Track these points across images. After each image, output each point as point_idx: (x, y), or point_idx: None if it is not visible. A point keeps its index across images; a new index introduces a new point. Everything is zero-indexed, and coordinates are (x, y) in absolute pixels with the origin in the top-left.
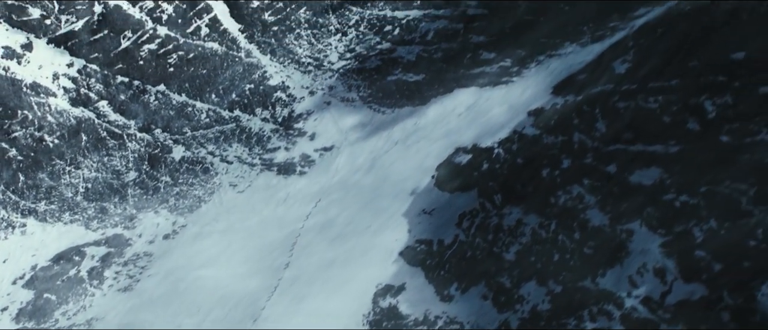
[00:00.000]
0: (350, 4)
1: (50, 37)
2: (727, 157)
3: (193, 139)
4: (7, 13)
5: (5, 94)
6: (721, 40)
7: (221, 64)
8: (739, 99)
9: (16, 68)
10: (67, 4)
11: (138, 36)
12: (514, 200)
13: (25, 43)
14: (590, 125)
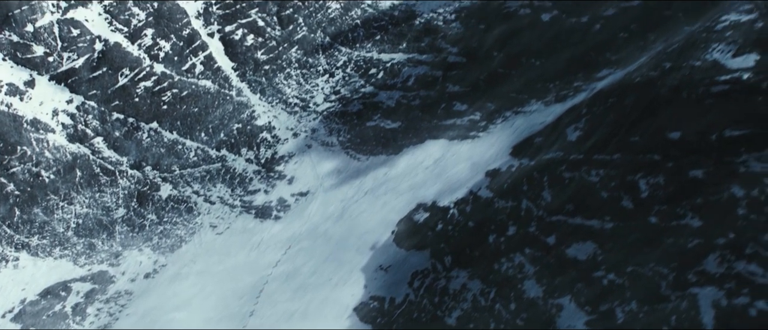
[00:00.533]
0: (340, 45)
1: (52, 73)
2: (654, 238)
3: (180, 177)
4: (12, 51)
5: (6, 130)
6: (662, 117)
7: (213, 102)
8: (669, 180)
9: (18, 105)
10: (69, 41)
11: (135, 73)
12: (462, 263)
13: (28, 79)
14: (538, 193)
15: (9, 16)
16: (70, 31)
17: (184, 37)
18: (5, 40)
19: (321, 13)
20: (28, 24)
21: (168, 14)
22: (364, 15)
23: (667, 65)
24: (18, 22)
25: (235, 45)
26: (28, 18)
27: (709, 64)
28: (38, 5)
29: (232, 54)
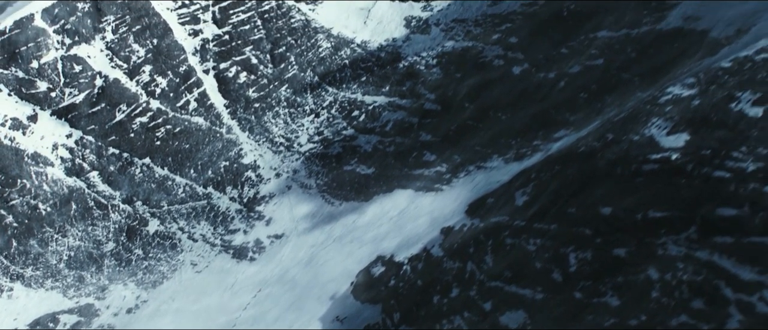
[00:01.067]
0: (327, 85)
1: (54, 108)
2: (577, 313)
3: (168, 213)
4: (17, 86)
5: (8, 163)
6: (597, 191)
7: (203, 139)
8: (596, 256)
9: (20, 139)
10: (72, 77)
11: (132, 109)
12: (409, 321)
13: (31, 114)
14: (482, 257)
15: (16, 52)
16: (72, 67)
17: (180, 74)
18: (11, 75)
19: (312, 52)
20: (34, 60)
21: (166, 51)
22: (352, 55)
23: (609, 136)
24: (24, 59)
25: (229, 82)
26: (33, 55)
27: (645, 140)
28: (44, 42)
29: (225, 91)
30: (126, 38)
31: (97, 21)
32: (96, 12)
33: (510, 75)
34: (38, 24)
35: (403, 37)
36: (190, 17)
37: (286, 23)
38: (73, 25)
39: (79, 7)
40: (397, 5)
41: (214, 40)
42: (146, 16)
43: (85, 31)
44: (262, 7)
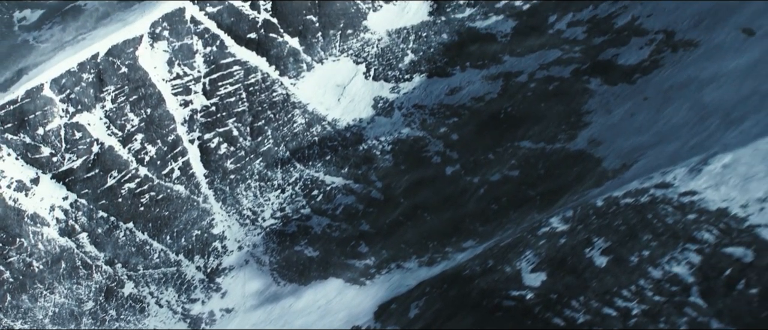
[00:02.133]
0: (296, 161)
1: (54, 173)
2: None
3: (142, 277)
4: (24, 151)
5: (10, 222)
6: (465, 320)
7: (182, 207)
8: None
9: (23, 200)
10: (72, 143)
11: (122, 175)
12: None
13: (33, 177)
14: None
15: (24, 120)
16: (73, 134)
17: (168, 143)
18: (19, 141)
19: (287, 127)
20: (40, 127)
21: (158, 120)
22: (322, 132)
23: (490, 263)
24: (31, 126)
25: (210, 153)
26: (40, 122)
27: (513, 274)
28: (50, 111)
29: (206, 161)
30: (123, 107)
31: (98, 90)
32: (98, 82)
33: (443, 175)
34: (46, 93)
35: (369, 119)
36: (182, 88)
37: (268, 97)
38: (77, 94)
39: (83, 77)
40: (371, 84)
41: (201, 110)
42: (143, 87)
43: (87, 100)
44: (249, 80)
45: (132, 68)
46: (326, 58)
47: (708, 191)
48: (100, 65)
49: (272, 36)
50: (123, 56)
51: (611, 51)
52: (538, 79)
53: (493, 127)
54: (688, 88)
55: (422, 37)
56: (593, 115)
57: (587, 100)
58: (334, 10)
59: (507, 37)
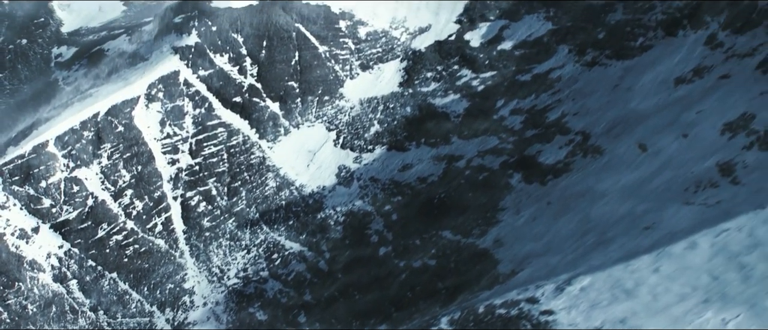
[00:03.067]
0: (264, 223)
1: (52, 223)
2: None
3: (120, 325)
4: (28, 202)
5: (11, 267)
6: None
7: (160, 260)
8: None
9: (24, 247)
10: (70, 196)
11: (111, 228)
12: None
13: (34, 226)
14: None
15: (30, 173)
16: (72, 187)
17: (154, 199)
18: (24, 193)
19: (260, 190)
20: (43, 180)
21: (147, 177)
22: (289, 197)
23: None
24: (35, 179)
25: (191, 210)
26: (43, 176)
27: None
28: (52, 165)
29: (186, 218)
30: (117, 164)
31: (96, 147)
32: (97, 139)
33: (376, 255)
34: (50, 149)
35: (331, 187)
36: (171, 147)
37: (246, 159)
38: (77, 151)
39: (84, 135)
40: (338, 152)
41: (186, 169)
42: (136, 145)
43: (86, 156)
44: (231, 142)
45: (128, 127)
46: (302, 123)
47: (562, 313)
48: (100, 124)
49: (255, 100)
50: (120, 116)
51: (537, 146)
52: (474, 166)
53: (426, 211)
54: (583, 199)
55: (389, 109)
56: (505, 213)
57: (505, 196)
58: (314, 77)
59: (459, 118)
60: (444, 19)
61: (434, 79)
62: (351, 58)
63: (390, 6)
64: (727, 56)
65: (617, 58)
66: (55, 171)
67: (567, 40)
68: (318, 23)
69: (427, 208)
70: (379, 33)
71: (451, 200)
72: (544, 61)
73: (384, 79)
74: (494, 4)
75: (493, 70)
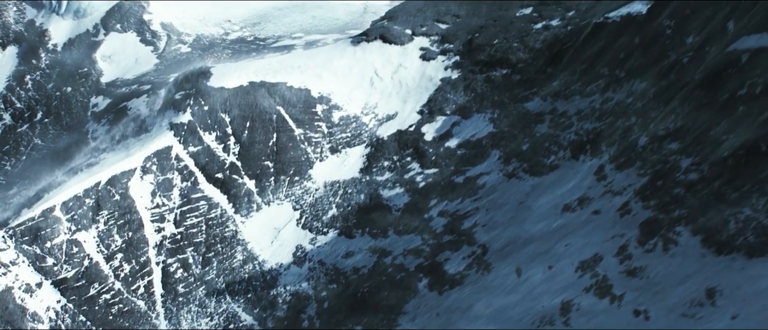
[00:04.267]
0: (228, 294)
1: (53, 280)
2: None
3: None
4: (34, 260)
5: (16, 318)
6: None
7: (138, 320)
8: None
9: (28, 300)
10: (70, 256)
11: (101, 287)
12: None
13: (38, 282)
14: None
15: (38, 235)
16: (72, 249)
17: (140, 263)
18: (31, 251)
19: (228, 262)
20: (48, 241)
21: (136, 243)
22: (252, 271)
23: None
24: (42, 240)
25: (170, 276)
26: (49, 237)
27: None
28: (57, 228)
29: (165, 283)
30: (111, 229)
31: (95, 214)
32: (96, 206)
33: None
34: (57, 213)
35: (287, 265)
36: (159, 216)
37: (221, 231)
38: (79, 216)
39: (86, 202)
40: (299, 232)
41: (170, 237)
42: (129, 213)
43: (86, 221)
44: (210, 214)
45: (123, 196)
46: (273, 201)
47: None
48: (100, 193)
49: (235, 177)
50: (118, 185)
51: (447, 253)
52: (396, 264)
53: (350, 304)
54: (462, 318)
55: (347, 194)
56: (404, 317)
57: (410, 299)
58: (288, 158)
59: (399, 212)
60: (409, 107)
61: (389, 168)
62: (323, 141)
63: (365, 91)
64: (605, 191)
65: (531, 173)
66: (59, 233)
67: (500, 145)
68: (297, 107)
69: (351, 301)
70: (350, 118)
71: (371, 296)
72: (478, 164)
73: (348, 163)
74: (453, 98)
75: (437, 167)
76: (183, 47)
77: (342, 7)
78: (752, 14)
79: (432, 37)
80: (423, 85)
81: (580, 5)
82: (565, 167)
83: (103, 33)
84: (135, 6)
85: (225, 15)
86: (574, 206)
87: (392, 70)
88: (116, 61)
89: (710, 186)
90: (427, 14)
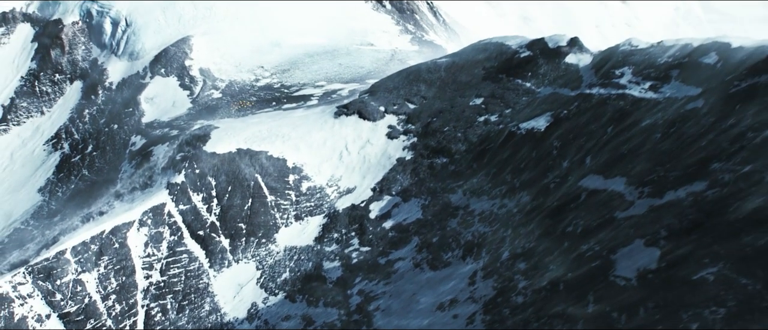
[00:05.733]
0: None
1: (59, 313)
2: None
3: None
4: (46, 295)
5: None
6: None
7: None
8: None
9: (39, 329)
10: (74, 294)
11: (95, 323)
12: None
13: (47, 313)
14: None
15: (50, 273)
16: (76, 288)
17: (129, 304)
18: (44, 287)
19: (197, 311)
20: (58, 279)
21: (127, 286)
22: (214, 322)
23: None
24: (53, 278)
25: (151, 318)
26: (58, 276)
27: None
28: (66, 269)
29: (146, 324)
30: (109, 273)
31: (98, 258)
32: (99, 252)
33: None
34: (67, 256)
35: (240, 321)
36: (148, 265)
37: (196, 283)
38: (84, 259)
39: (92, 247)
40: (256, 291)
41: (155, 284)
42: (125, 260)
43: (90, 264)
44: (190, 267)
45: (121, 245)
46: (241, 259)
47: None
48: (103, 240)
49: (213, 235)
50: (118, 235)
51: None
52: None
53: None
54: None
55: (300, 260)
56: None
57: None
58: (259, 221)
59: (331, 284)
60: (366, 183)
61: (336, 241)
62: (290, 208)
63: (333, 164)
64: (469, 297)
65: (430, 266)
66: (67, 273)
67: (421, 233)
68: (273, 175)
69: None
70: (316, 189)
71: None
72: (399, 249)
73: (307, 231)
74: (401, 180)
75: (370, 246)
76: (215, 93)
77: (370, 54)
78: (603, 152)
79: (400, 116)
80: (382, 162)
81: (519, 103)
82: (455, 266)
83: (149, 76)
84: (179, 52)
85: (259, 61)
86: (445, 307)
87: (360, 145)
88: (157, 104)
89: (524, 312)
90: (401, 92)
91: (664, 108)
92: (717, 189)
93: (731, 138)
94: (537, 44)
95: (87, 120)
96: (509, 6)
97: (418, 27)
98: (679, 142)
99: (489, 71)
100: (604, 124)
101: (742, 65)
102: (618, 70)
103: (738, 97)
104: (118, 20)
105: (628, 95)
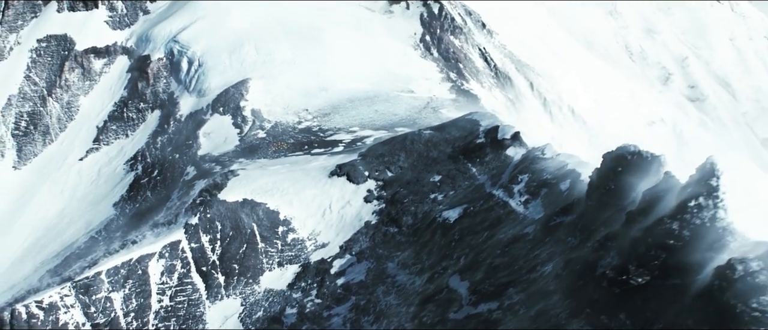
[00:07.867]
0: None
1: (92, 323)
2: None
3: None
4: (84, 308)
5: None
6: None
7: None
8: None
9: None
10: (105, 308)
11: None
12: None
13: (83, 322)
14: None
15: (88, 289)
16: (106, 304)
17: (143, 323)
18: (84, 300)
19: None
20: (93, 295)
21: (143, 307)
22: None
23: None
24: (90, 293)
25: None
26: (94, 292)
27: None
28: (98, 287)
29: None
30: (131, 295)
31: (125, 281)
32: (126, 276)
33: None
34: (102, 277)
35: None
36: (161, 291)
37: (194, 310)
38: (114, 281)
39: (121, 272)
40: (237, 323)
41: (164, 308)
42: (144, 285)
43: (118, 285)
44: (192, 296)
45: (143, 272)
46: (231, 294)
47: None
48: (130, 267)
49: (213, 272)
50: (142, 263)
51: None
52: None
53: None
54: None
55: (272, 302)
56: None
57: None
58: (249, 264)
59: (285, 328)
60: (337, 241)
61: (302, 290)
62: (275, 255)
63: (316, 220)
64: None
65: (352, 325)
66: (101, 291)
67: (358, 295)
68: (266, 226)
69: None
70: (298, 241)
71: None
72: (339, 306)
73: (284, 277)
74: (361, 242)
75: (322, 299)
76: (260, 133)
77: (407, 101)
78: (470, 254)
79: (378, 181)
80: (354, 223)
81: (461, 187)
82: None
83: (210, 113)
84: (237, 93)
85: (305, 104)
86: None
87: (341, 205)
88: (212, 139)
89: None
90: (385, 159)
91: (519, 225)
92: (499, 311)
93: (529, 268)
94: (491, 132)
95: (158, 146)
96: (632, 18)
97: (460, 75)
98: (506, 261)
99: (456, 150)
100: (485, 227)
101: (565, 201)
102: (521, 175)
103: (549, 230)
104: (193, 60)
105: (508, 204)
